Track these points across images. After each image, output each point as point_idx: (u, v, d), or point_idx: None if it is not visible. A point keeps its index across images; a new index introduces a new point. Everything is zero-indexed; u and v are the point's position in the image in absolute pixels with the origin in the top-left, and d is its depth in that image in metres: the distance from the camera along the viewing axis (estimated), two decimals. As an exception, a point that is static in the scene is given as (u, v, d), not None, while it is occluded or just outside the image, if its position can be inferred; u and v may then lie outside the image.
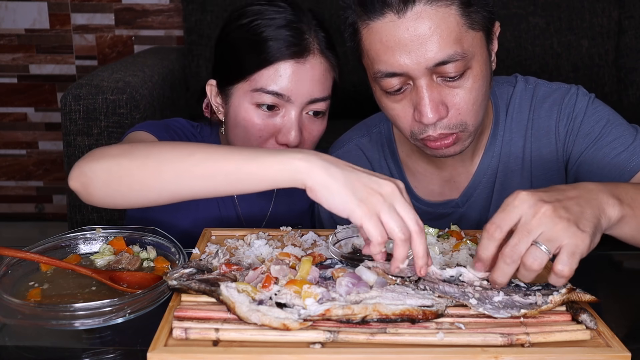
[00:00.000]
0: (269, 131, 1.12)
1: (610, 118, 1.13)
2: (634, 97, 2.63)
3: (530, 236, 0.75)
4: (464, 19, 0.96)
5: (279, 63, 1.09)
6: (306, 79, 1.10)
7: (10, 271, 0.89)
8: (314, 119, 1.14)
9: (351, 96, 2.60)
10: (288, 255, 0.88)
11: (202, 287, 0.78)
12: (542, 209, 0.75)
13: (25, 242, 0.96)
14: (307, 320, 0.73)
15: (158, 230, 0.99)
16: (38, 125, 3.08)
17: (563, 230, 0.74)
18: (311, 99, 1.11)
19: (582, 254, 0.75)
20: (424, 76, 0.97)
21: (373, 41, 0.99)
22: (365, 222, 0.76)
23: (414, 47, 0.95)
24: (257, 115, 1.12)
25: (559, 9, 2.58)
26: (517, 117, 1.18)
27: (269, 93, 1.09)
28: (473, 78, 0.99)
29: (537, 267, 0.75)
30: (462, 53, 0.96)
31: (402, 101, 1.02)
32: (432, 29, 0.95)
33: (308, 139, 1.15)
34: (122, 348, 0.79)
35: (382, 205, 0.77)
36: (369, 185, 0.78)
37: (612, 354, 0.70)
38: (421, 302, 0.76)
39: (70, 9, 2.94)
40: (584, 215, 0.77)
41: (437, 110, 0.98)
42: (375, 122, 1.29)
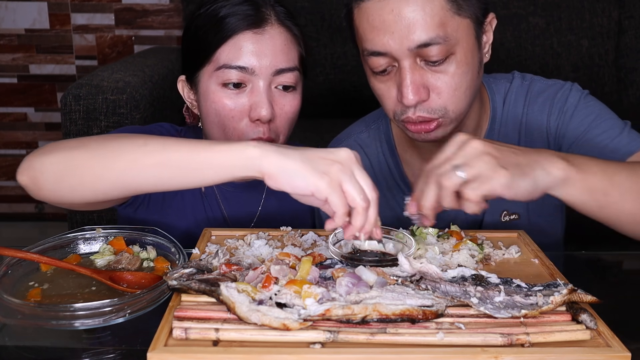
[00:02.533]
0: (240, 110, 1.10)
1: (600, 113, 1.14)
2: (634, 97, 2.63)
3: (452, 162, 0.81)
4: (449, 4, 0.98)
5: (237, 36, 1.09)
6: (267, 50, 1.09)
7: (10, 271, 0.89)
8: (284, 93, 1.12)
9: (351, 96, 2.61)
10: (288, 255, 0.88)
11: (202, 287, 0.78)
12: (472, 142, 0.82)
13: (25, 242, 0.96)
14: (307, 320, 0.73)
15: (158, 230, 0.99)
16: (38, 125, 3.08)
17: (484, 163, 0.80)
18: (276, 70, 1.10)
19: (494, 188, 0.80)
20: (407, 58, 0.99)
21: (362, 20, 1.02)
22: (331, 194, 0.76)
23: (397, 28, 0.97)
24: (226, 95, 1.10)
25: (559, 9, 2.58)
26: (512, 112, 1.19)
27: (232, 68, 1.08)
28: (456, 64, 1.01)
29: (449, 185, 0.80)
30: (445, 37, 0.98)
31: (388, 82, 1.05)
32: (416, 11, 0.97)
33: (281, 114, 1.12)
34: (122, 348, 0.79)
35: (344, 174, 0.77)
36: (325, 157, 0.78)
37: (612, 354, 0.70)
38: (421, 302, 0.76)
39: (70, 9, 2.94)
40: (513, 159, 0.82)
41: (418, 93, 1.00)
42: (373, 119, 1.30)
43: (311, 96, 2.60)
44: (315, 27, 2.60)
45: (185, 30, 1.19)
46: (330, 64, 2.59)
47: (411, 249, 0.91)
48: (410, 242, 0.93)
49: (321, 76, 2.60)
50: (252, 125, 1.11)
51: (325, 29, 2.61)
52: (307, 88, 1.23)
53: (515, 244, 1.01)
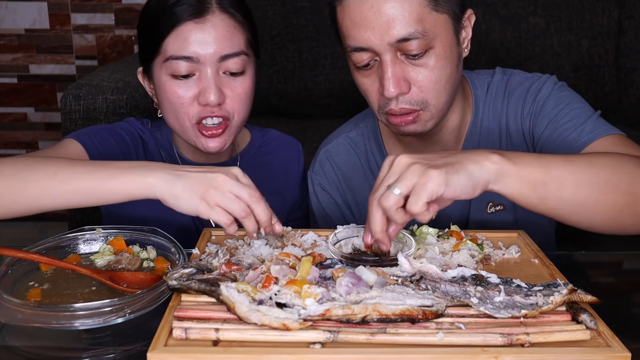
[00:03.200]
0: (190, 97, 1.14)
1: (571, 101, 1.15)
2: (634, 97, 2.63)
3: (385, 183, 0.84)
4: (427, 1, 1.02)
5: (180, 27, 1.11)
6: (210, 37, 1.12)
7: (10, 271, 0.89)
8: (233, 78, 1.16)
9: (351, 96, 2.60)
10: (288, 255, 0.88)
11: (202, 287, 0.78)
12: (399, 159, 0.85)
13: (25, 242, 0.96)
14: (307, 320, 0.73)
15: (158, 230, 0.99)
16: (38, 125, 3.08)
17: (413, 172, 0.82)
18: (221, 56, 1.12)
19: (431, 190, 0.80)
20: (388, 52, 1.03)
21: (344, 18, 1.06)
22: (210, 213, 0.88)
23: (377, 24, 1.02)
24: (177, 84, 1.14)
25: (559, 9, 2.58)
26: (493, 106, 1.22)
27: (179, 59, 1.12)
28: (436, 57, 1.05)
29: (388, 206, 0.82)
30: (423, 32, 1.02)
31: (371, 76, 1.09)
32: (395, 7, 1.01)
33: (232, 96, 1.16)
34: (122, 348, 0.79)
35: (219, 195, 0.88)
36: (203, 183, 0.89)
37: (612, 354, 0.70)
38: (421, 302, 0.76)
39: (70, 9, 2.94)
40: (443, 161, 0.83)
41: (399, 85, 1.04)
42: (362, 118, 1.34)
43: (311, 96, 2.62)
44: (315, 27, 2.60)
45: (138, 22, 1.22)
46: (330, 64, 2.59)
47: (411, 249, 0.92)
48: (410, 242, 0.93)
49: (321, 76, 2.60)
50: (201, 108, 1.14)
51: (325, 29, 2.60)
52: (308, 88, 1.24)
53: (515, 244, 1.01)
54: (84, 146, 1.16)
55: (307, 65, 2.60)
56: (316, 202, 1.33)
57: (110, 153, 1.19)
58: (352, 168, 1.30)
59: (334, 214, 1.31)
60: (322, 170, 1.32)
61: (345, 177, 1.30)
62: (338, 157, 1.31)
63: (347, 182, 1.30)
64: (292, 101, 2.62)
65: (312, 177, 1.34)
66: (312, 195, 1.34)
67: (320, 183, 1.32)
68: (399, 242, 0.95)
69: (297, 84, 2.60)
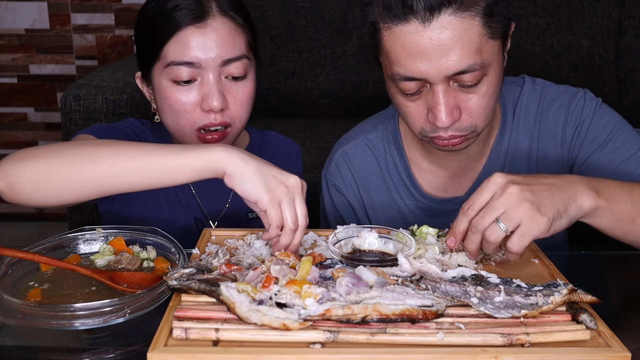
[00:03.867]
0: (192, 103, 1.13)
1: (617, 124, 1.15)
2: (634, 97, 2.63)
3: (494, 213, 0.86)
4: (485, 29, 0.98)
5: (181, 32, 1.10)
6: (211, 42, 1.10)
7: (10, 271, 0.89)
8: (235, 83, 1.14)
9: (351, 96, 2.61)
10: (288, 255, 0.88)
11: (202, 287, 0.78)
12: (509, 189, 0.86)
13: (25, 242, 0.96)
14: (307, 320, 0.73)
15: (158, 230, 0.99)
16: (38, 125, 3.08)
17: (523, 212, 0.85)
18: (223, 61, 1.11)
19: (535, 236, 0.86)
20: (441, 82, 0.99)
21: (394, 45, 1.00)
22: (270, 208, 0.88)
23: (435, 56, 0.96)
24: (178, 90, 1.12)
25: (559, 9, 2.58)
26: (524, 117, 1.19)
27: (180, 64, 1.10)
28: (488, 84, 1.01)
29: (494, 241, 0.87)
30: (481, 63, 0.98)
31: (418, 101, 1.04)
32: (455, 40, 0.96)
33: (234, 102, 1.14)
34: (122, 348, 0.79)
35: (286, 195, 0.88)
36: (277, 177, 0.89)
37: (612, 354, 0.70)
38: (421, 302, 0.76)
39: (70, 9, 2.94)
40: (550, 201, 0.87)
41: (452, 115, 1.01)
42: (381, 119, 1.29)
43: (311, 96, 2.62)
44: (315, 27, 2.60)
45: (136, 26, 1.21)
46: (330, 64, 2.59)
47: (411, 249, 0.92)
48: (410, 242, 0.93)
49: (321, 76, 2.60)
50: (203, 114, 1.13)
51: (325, 29, 2.61)
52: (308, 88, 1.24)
53: (515, 244, 1.01)
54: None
55: (307, 65, 2.60)
56: (329, 203, 1.30)
57: None
58: (370, 171, 1.27)
59: (348, 216, 1.29)
60: (338, 171, 1.28)
61: (362, 180, 1.27)
62: (356, 159, 1.27)
63: (365, 184, 1.27)
64: (292, 101, 2.62)
65: (326, 176, 1.31)
66: (325, 195, 1.31)
67: (335, 184, 1.29)
68: (398, 242, 0.95)
69: (297, 84, 2.60)
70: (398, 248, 0.94)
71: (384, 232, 0.97)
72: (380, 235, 0.97)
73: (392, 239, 0.96)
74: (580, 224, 1.17)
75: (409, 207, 1.24)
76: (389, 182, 1.26)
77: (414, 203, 1.24)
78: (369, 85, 2.57)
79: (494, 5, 0.98)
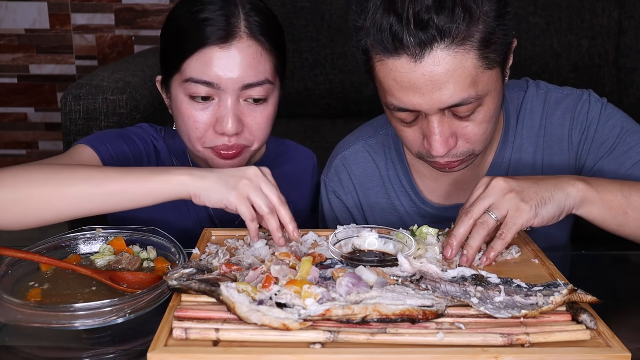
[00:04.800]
0: (206, 122, 1.10)
1: (624, 125, 1.12)
2: (634, 97, 2.63)
3: (483, 203, 0.92)
4: (481, 61, 0.94)
5: (204, 50, 1.07)
6: (234, 65, 1.07)
7: (10, 271, 0.89)
8: (254, 106, 1.11)
9: (351, 96, 2.61)
10: (288, 255, 0.88)
11: (202, 287, 0.78)
12: (494, 181, 0.93)
13: (25, 242, 0.96)
14: (307, 320, 0.73)
15: (158, 230, 0.99)
16: (38, 125, 3.08)
17: (508, 201, 0.91)
18: (244, 85, 1.08)
19: (521, 224, 0.91)
20: (436, 114, 0.97)
21: (386, 77, 0.97)
22: (239, 205, 0.90)
23: (428, 91, 0.94)
24: (193, 107, 1.10)
25: (559, 9, 2.58)
26: (528, 123, 1.17)
27: (198, 82, 1.07)
28: (484, 113, 0.99)
29: (485, 228, 0.91)
30: (476, 95, 0.95)
31: (414, 127, 1.02)
32: (449, 74, 0.92)
33: (251, 126, 1.12)
34: (122, 348, 0.79)
35: (249, 187, 0.91)
36: (235, 175, 0.92)
37: (612, 354, 0.70)
38: (421, 302, 0.76)
39: (70, 9, 2.94)
40: (533, 189, 0.92)
41: (447, 144, 1.00)
42: (381, 124, 1.27)
43: (311, 96, 2.62)
44: (315, 27, 2.60)
45: (162, 28, 1.17)
46: (330, 64, 2.59)
47: (411, 249, 0.91)
48: (410, 242, 0.93)
49: (321, 76, 2.60)
50: (215, 135, 1.11)
51: (325, 29, 2.61)
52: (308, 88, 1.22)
53: (515, 244, 1.01)
54: (97, 152, 1.13)
55: (307, 65, 2.60)
56: (328, 208, 1.29)
57: (123, 159, 1.17)
58: (370, 177, 1.25)
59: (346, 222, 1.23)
60: (338, 177, 1.26)
61: (362, 187, 1.25)
62: (355, 165, 1.25)
63: (364, 191, 1.25)
64: (292, 101, 2.62)
65: (325, 182, 1.28)
66: (324, 200, 1.29)
67: (335, 190, 1.27)
68: (398, 242, 0.95)
69: (297, 84, 2.60)
70: (398, 248, 0.94)
71: (384, 232, 0.97)
72: (380, 235, 0.96)
73: (392, 239, 0.96)
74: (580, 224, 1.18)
75: (410, 213, 1.23)
76: (389, 188, 1.24)
77: (415, 210, 1.23)
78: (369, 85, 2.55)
79: (491, 35, 0.93)
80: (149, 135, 1.26)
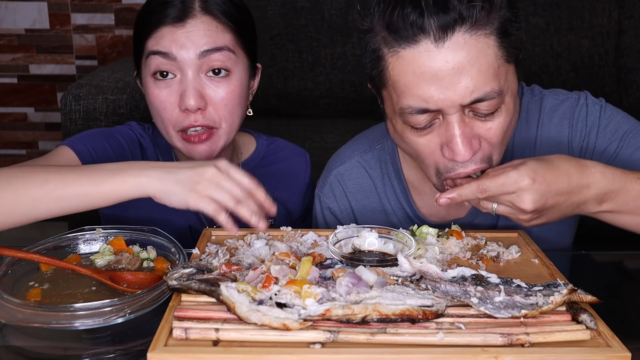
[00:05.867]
0: (171, 101, 1.12)
1: (625, 127, 1.08)
2: (634, 97, 2.63)
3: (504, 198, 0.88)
4: (501, 51, 0.91)
5: (161, 29, 1.10)
6: (188, 37, 1.09)
7: (10, 271, 0.89)
8: (217, 80, 1.11)
9: (351, 96, 2.60)
10: (288, 255, 0.88)
11: (202, 287, 0.78)
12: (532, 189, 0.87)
13: (25, 242, 0.96)
14: (307, 320, 0.73)
15: (158, 230, 0.99)
16: (38, 125, 3.08)
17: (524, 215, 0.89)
18: (200, 52, 1.09)
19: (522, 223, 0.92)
20: (456, 112, 0.91)
21: (403, 72, 0.91)
22: (199, 205, 0.89)
23: (451, 82, 0.88)
24: (157, 86, 1.12)
25: (559, 9, 2.58)
26: (524, 131, 1.13)
27: (155, 54, 1.10)
28: (505, 113, 0.94)
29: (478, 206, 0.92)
30: (499, 90, 0.91)
31: (428, 135, 0.95)
32: (472, 61, 0.88)
33: (215, 102, 1.12)
34: (122, 348, 0.79)
35: (209, 188, 0.89)
36: (193, 178, 0.90)
37: (612, 354, 0.70)
38: (421, 302, 0.76)
39: (70, 9, 2.94)
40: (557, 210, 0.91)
41: (471, 146, 0.93)
42: (377, 138, 1.22)
43: (311, 96, 2.62)
44: (315, 27, 2.60)
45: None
46: (330, 64, 2.59)
47: (411, 249, 0.92)
48: (410, 242, 0.93)
49: (321, 76, 2.60)
50: (183, 115, 1.11)
51: (325, 29, 2.61)
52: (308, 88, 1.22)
53: (515, 244, 1.01)
54: (76, 153, 1.14)
55: (307, 65, 2.60)
56: (323, 224, 1.25)
57: (105, 158, 1.17)
58: (366, 194, 1.21)
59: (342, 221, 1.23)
60: (333, 194, 1.22)
61: (358, 204, 1.21)
62: (351, 182, 1.21)
63: (360, 208, 1.21)
64: (292, 101, 2.62)
65: (320, 197, 1.24)
66: (319, 215, 1.26)
67: (329, 207, 1.23)
68: (398, 242, 0.95)
69: (297, 84, 2.60)
70: (398, 248, 0.94)
71: (384, 232, 0.97)
72: (380, 235, 0.96)
73: (392, 239, 0.96)
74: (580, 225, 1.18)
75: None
76: (386, 205, 1.20)
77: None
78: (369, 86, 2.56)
79: (508, 24, 0.91)
80: (136, 133, 1.27)
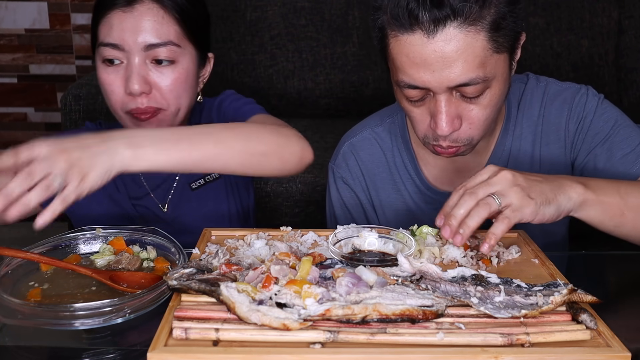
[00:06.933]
0: (118, 85, 1.14)
1: (618, 119, 1.16)
2: (634, 97, 2.63)
3: (490, 188, 0.90)
4: (490, 44, 0.98)
5: (110, 14, 1.13)
6: (136, 26, 1.12)
7: (10, 271, 0.89)
8: (162, 68, 1.15)
9: (351, 96, 2.61)
10: (288, 255, 0.88)
11: (202, 287, 0.78)
12: (503, 172, 0.91)
13: (25, 242, 0.96)
14: (307, 320, 0.73)
15: (158, 230, 0.99)
16: (38, 125, 3.08)
17: (514, 194, 0.89)
18: (146, 45, 1.12)
19: (521, 218, 0.89)
20: (444, 92, 1.00)
21: (399, 53, 1.01)
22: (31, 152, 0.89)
23: (438, 67, 0.98)
24: (106, 71, 1.15)
25: (559, 9, 2.58)
26: (527, 113, 1.21)
27: (105, 45, 1.13)
28: (490, 97, 1.03)
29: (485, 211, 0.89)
30: (484, 77, 0.99)
31: (421, 107, 1.06)
32: (459, 53, 0.96)
33: (160, 88, 1.15)
34: (122, 348, 0.79)
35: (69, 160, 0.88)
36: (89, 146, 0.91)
37: (612, 354, 0.70)
38: (421, 302, 0.76)
39: (70, 9, 2.94)
40: (539, 188, 0.91)
41: (452, 124, 1.02)
42: (388, 113, 1.31)
43: (311, 96, 2.62)
44: (315, 27, 2.60)
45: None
46: (330, 64, 2.59)
47: (411, 249, 0.92)
48: (410, 242, 0.93)
49: (321, 76, 2.60)
50: (129, 97, 1.14)
51: (325, 29, 2.61)
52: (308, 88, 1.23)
53: (515, 244, 1.01)
54: None
55: (307, 65, 2.60)
56: (336, 195, 1.31)
57: None
58: (376, 164, 1.28)
59: (355, 208, 1.30)
60: (346, 164, 1.30)
61: (369, 173, 1.28)
62: (363, 152, 1.29)
63: (371, 177, 1.29)
64: (292, 101, 2.62)
65: (333, 169, 1.31)
66: (332, 187, 1.32)
67: (343, 177, 1.30)
68: (398, 242, 0.95)
69: (297, 84, 2.60)
70: (398, 248, 0.94)
71: (384, 232, 0.97)
72: (380, 235, 0.97)
73: (392, 239, 0.96)
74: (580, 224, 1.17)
75: (415, 200, 1.26)
76: (395, 174, 1.27)
77: (420, 196, 1.25)
78: (369, 85, 2.57)
79: (501, 20, 0.98)
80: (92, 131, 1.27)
